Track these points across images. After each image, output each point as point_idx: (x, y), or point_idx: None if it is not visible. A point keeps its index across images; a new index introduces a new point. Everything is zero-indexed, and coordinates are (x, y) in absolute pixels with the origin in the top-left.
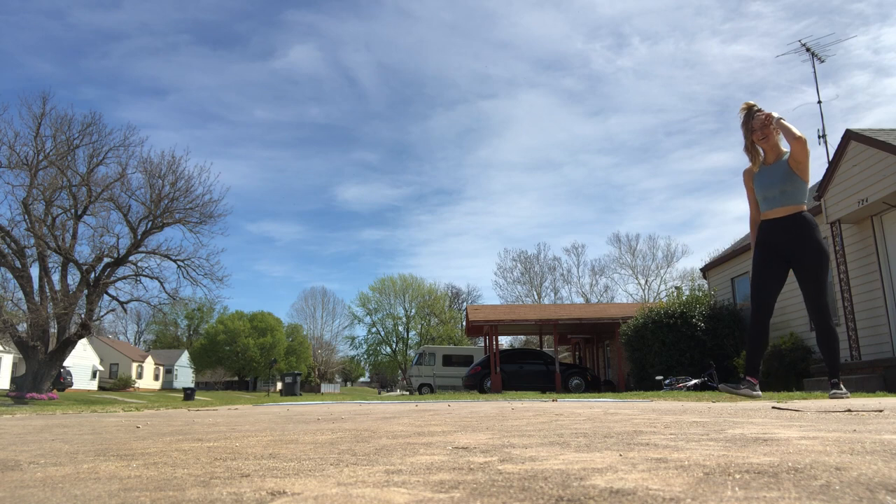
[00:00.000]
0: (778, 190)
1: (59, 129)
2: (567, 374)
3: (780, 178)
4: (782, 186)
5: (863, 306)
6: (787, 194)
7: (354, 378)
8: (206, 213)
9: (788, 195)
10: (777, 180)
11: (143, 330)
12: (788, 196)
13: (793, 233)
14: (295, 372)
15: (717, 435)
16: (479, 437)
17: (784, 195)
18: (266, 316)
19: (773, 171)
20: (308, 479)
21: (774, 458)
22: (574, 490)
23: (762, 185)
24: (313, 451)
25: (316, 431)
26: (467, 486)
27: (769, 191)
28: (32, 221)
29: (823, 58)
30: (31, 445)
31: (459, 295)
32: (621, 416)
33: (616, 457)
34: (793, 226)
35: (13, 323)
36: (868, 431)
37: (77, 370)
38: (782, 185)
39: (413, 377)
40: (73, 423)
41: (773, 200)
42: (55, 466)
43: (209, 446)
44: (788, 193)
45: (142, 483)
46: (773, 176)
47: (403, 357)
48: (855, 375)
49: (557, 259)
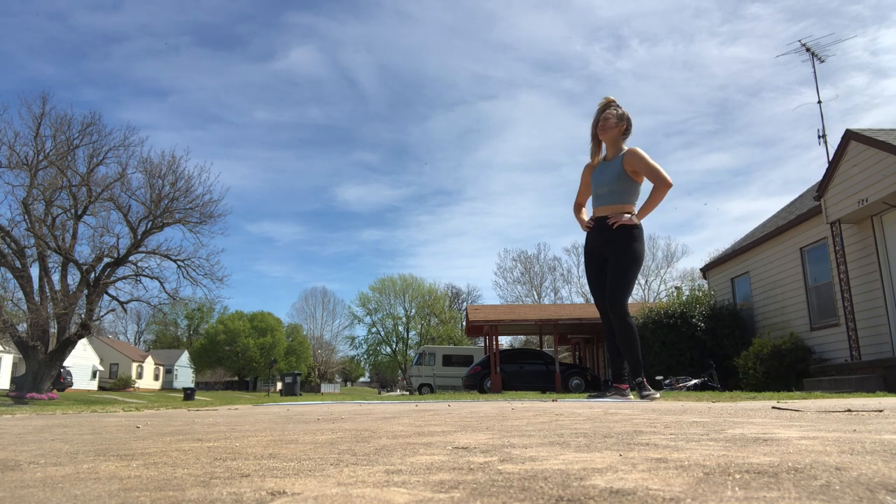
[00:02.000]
0: (606, 188)
1: (59, 129)
2: (567, 374)
3: (610, 178)
4: (612, 186)
5: (863, 306)
6: (616, 194)
7: (354, 378)
8: (206, 213)
9: (616, 195)
10: (607, 179)
11: (143, 330)
12: (616, 196)
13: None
14: (295, 372)
15: (717, 435)
16: (479, 437)
17: (612, 194)
18: (266, 316)
19: (609, 168)
20: (308, 479)
21: (774, 458)
22: (574, 490)
23: (595, 181)
24: (313, 451)
25: (316, 431)
26: (467, 486)
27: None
28: (32, 221)
29: (823, 58)
30: (31, 445)
31: (459, 295)
32: (621, 416)
33: (616, 457)
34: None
35: (13, 323)
36: (868, 431)
37: (77, 370)
38: (613, 185)
39: (413, 377)
40: (73, 423)
41: (601, 198)
42: (55, 466)
43: (209, 446)
44: (617, 193)
45: (142, 483)
46: (607, 174)
47: (403, 357)
48: (855, 375)
49: (557, 259)
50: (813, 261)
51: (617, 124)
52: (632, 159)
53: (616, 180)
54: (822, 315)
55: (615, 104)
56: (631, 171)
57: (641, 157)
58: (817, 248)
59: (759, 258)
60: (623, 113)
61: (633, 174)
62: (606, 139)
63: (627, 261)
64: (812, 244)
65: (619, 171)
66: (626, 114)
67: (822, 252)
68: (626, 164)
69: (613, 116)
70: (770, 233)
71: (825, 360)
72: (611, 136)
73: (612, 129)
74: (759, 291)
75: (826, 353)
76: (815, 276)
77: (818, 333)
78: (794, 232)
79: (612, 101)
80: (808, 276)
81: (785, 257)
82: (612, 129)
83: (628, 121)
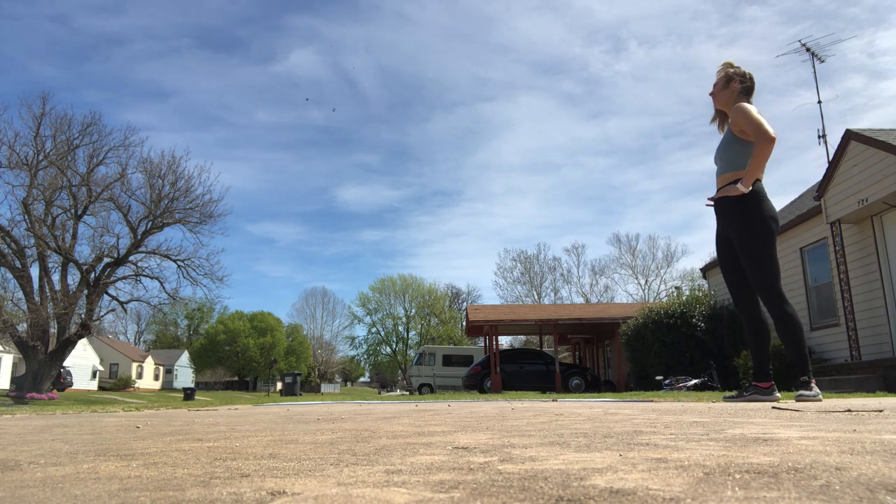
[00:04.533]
0: (719, 158)
1: (59, 129)
2: (567, 374)
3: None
4: (721, 154)
5: (863, 306)
6: (727, 161)
7: (354, 378)
8: (206, 213)
9: (725, 162)
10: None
11: (143, 330)
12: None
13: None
14: (295, 372)
15: (717, 435)
16: (479, 437)
17: (724, 162)
18: (266, 316)
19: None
20: (308, 479)
21: (774, 458)
22: (574, 490)
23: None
24: (313, 451)
25: (316, 431)
26: (467, 486)
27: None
28: (32, 221)
29: (823, 58)
30: (31, 445)
31: (459, 295)
32: (621, 416)
33: (616, 457)
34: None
35: (13, 323)
36: (868, 431)
37: (77, 370)
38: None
39: (413, 377)
40: (73, 423)
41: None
42: (55, 466)
43: (209, 446)
44: (725, 161)
45: (142, 483)
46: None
47: (403, 357)
48: (855, 375)
49: (557, 259)
50: (813, 261)
51: (725, 86)
52: (736, 117)
53: (726, 146)
54: (822, 315)
55: (727, 66)
56: (738, 131)
57: (743, 111)
58: (817, 248)
59: None
60: (732, 72)
61: (742, 134)
62: (720, 106)
63: (748, 237)
64: (812, 244)
65: (729, 135)
66: (738, 71)
67: (822, 252)
68: (732, 126)
69: (722, 80)
70: None
71: (825, 360)
72: (722, 101)
73: (721, 93)
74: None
75: (826, 353)
76: (815, 276)
77: (818, 333)
78: (794, 232)
79: (726, 64)
80: (808, 276)
81: (785, 257)
82: (721, 93)
83: (741, 77)
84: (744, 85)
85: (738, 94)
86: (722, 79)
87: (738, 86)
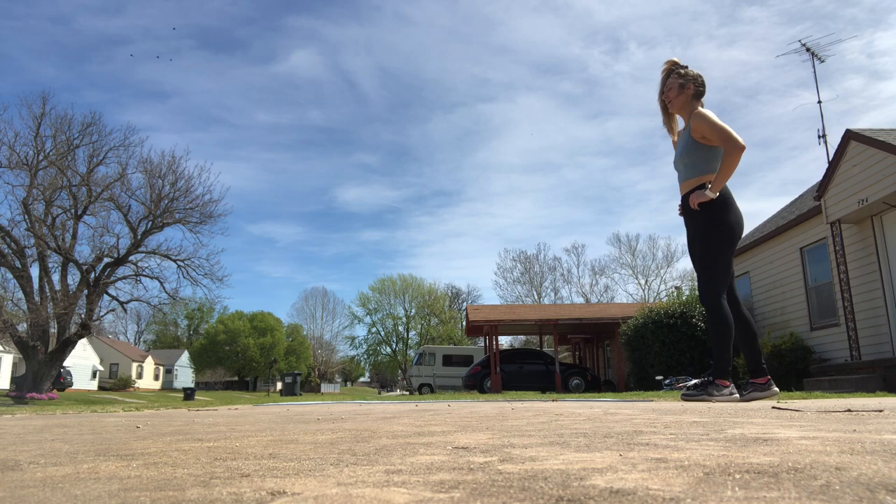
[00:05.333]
0: (681, 163)
1: (59, 130)
2: (567, 374)
3: (682, 150)
4: (683, 159)
5: (863, 306)
6: (690, 167)
7: (354, 378)
8: (206, 213)
9: (689, 168)
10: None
11: (143, 330)
12: (689, 169)
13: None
14: (295, 372)
15: (717, 435)
16: (479, 437)
17: (686, 168)
18: (266, 316)
19: (682, 139)
20: (308, 479)
21: (774, 458)
22: (574, 490)
23: (675, 157)
24: (313, 451)
25: (316, 431)
26: (467, 485)
27: (676, 163)
28: (32, 221)
29: (823, 58)
30: (31, 445)
31: (459, 295)
32: (621, 416)
33: (616, 457)
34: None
35: (13, 323)
36: (868, 431)
37: (77, 370)
38: (685, 157)
39: (413, 377)
40: (73, 423)
41: (679, 174)
42: (55, 466)
43: (209, 446)
44: (689, 166)
45: (142, 483)
46: (680, 146)
47: (403, 357)
48: (855, 375)
49: (557, 259)
50: (813, 261)
51: (680, 91)
52: (697, 124)
53: (688, 151)
54: (822, 315)
55: (677, 68)
56: (699, 137)
57: (705, 118)
58: (817, 248)
59: (759, 258)
60: (686, 74)
61: (703, 140)
62: (677, 111)
63: (708, 238)
64: (812, 244)
65: (688, 140)
66: (690, 73)
67: (822, 252)
68: (692, 132)
69: (675, 85)
70: (770, 233)
71: (825, 360)
72: (678, 105)
73: (677, 99)
74: (760, 291)
75: (826, 353)
76: (815, 276)
77: (818, 333)
78: (794, 232)
79: (675, 65)
80: (808, 276)
81: (785, 257)
82: (677, 99)
83: (694, 80)
84: (697, 89)
85: (691, 98)
86: (675, 83)
87: (692, 90)
